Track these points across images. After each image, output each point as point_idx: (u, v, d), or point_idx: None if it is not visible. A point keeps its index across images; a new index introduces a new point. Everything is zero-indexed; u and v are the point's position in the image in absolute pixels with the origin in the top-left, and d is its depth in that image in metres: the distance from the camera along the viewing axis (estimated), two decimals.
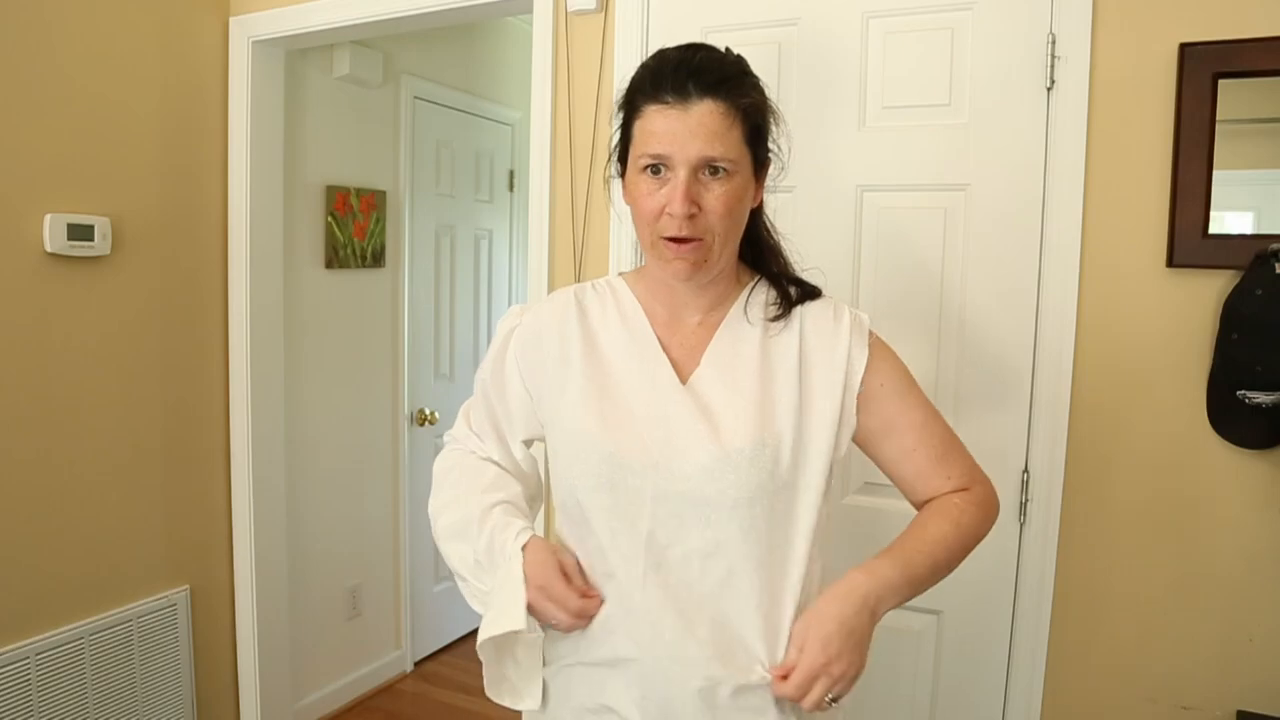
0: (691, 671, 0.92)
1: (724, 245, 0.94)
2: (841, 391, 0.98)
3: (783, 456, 0.94)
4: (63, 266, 2.00)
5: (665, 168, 0.91)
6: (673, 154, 0.90)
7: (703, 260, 0.93)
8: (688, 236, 0.91)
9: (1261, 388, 1.32)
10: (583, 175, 1.87)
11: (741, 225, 0.97)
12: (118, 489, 2.16)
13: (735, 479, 0.92)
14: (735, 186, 0.92)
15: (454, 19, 2.10)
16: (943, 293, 1.56)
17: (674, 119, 0.89)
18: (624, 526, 0.94)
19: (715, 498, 0.92)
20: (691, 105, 0.89)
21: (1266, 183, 1.42)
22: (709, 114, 0.89)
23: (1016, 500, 1.52)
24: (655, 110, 0.91)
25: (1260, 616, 1.38)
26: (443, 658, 3.24)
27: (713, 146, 0.89)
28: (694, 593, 0.93)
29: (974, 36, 1.50)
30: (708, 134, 0.89)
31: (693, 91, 0.89)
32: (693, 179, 0.90)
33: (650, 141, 0.91)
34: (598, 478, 0.95)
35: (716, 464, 0.92)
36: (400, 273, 3.00)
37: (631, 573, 0.94)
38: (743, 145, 0.92)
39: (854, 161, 1.60)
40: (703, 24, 1.71)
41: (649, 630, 0.93)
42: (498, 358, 1.09)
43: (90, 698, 2.08)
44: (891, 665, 1.62)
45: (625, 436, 0.95)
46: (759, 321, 1.01)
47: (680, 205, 0.89)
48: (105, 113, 2.07)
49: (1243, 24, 1.34)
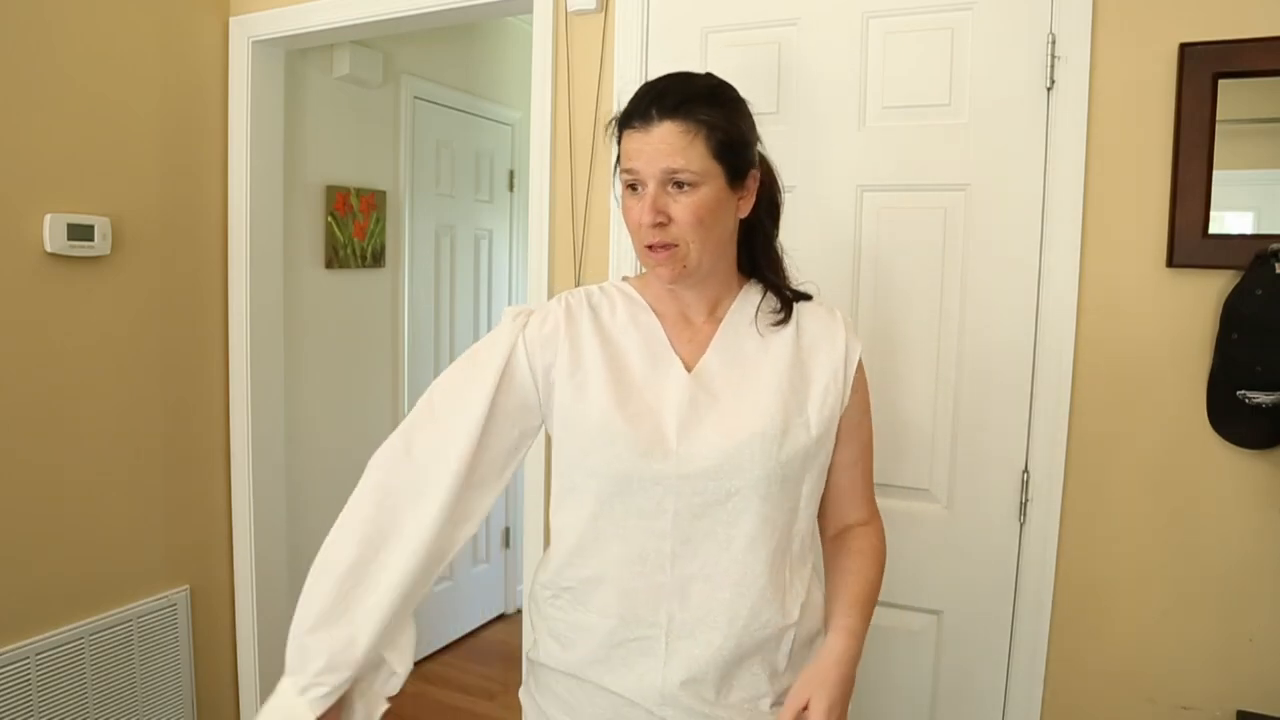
0: (718, 634, 1.01)
1: (702, 250, 1.02)
2: (843, 371, 1.08)
3: (790, 436, 1.03)
4: (63, 266, 2.00)
5: (640, 185, 1.01)
6: (640, 169, 1.00)
7: (680, 265, 1.02)
8: (660, 243, 1.01)
9: (1261, 388, 1.33)
10: (583, 175, 1.87)
11: (720, 232, 1.04)
12: (118, 489, 2.16)
13: (749, 460, 1.01)
14: (702, 197, 1.00)
15: (454, 19, 2.10)
16: (942, 293, 1.55)
17: (640, 140, 1.00)
18: (652, 509, 1.02)
19: (733, 478, 1.01)
20: (653, 127, 0.99)
21: (1266, 183, 1.42)
22: (668, 133, 0.99)
23: (1016, 500, 1.52)
24: (628, 134, 1.02)
25: (1260, 616, 1.38)
26: (443, 658, 3.24)
27: (673, 160, 0.98)
28: (717, 565, 1.02)
29: (974, 36, 1.50)
30: (668, 150, 0.98)
31: (654, 115, 0.99)
32: (660, 191, 1.00)
33: (626, 161, 1.03)
34: (624, 467, 1.02)
35: (732, 447, 1.01)
36: (400, 273, 3.00)
37: (661, 549, 1.02)
38: (708, 158, 1.00)
39: (854, 161, 1.60)
40: (703, 24, 1.71)
41: (678, 602, 1.02)
42: (504, 343, 1.07)
43: (90, 698, 2.08)
44: (891, 665, 1.62)
45: (647, 428, 1.02)
46: (756, 320, 1.10)
47: (647, 215, 0.99)
48: (105, 113, 2.07)
49: (1243, 24, 1.34)
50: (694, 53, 1.71)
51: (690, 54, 1.71)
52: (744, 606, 1.02)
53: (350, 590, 1.01)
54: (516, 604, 3.60)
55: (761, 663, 1.05)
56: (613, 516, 1.04)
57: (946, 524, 1.57)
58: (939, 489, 1.58)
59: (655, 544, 1.03)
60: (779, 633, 1.04)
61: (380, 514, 1.03)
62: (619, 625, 1.04)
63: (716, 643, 1.02)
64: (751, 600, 1.02)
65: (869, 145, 1.59)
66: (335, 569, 1.02)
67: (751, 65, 1.63)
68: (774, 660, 1.06)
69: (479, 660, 3.24)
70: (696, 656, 1.02)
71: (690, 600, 1.02)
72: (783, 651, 1.06)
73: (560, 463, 1.09)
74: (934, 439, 1.57)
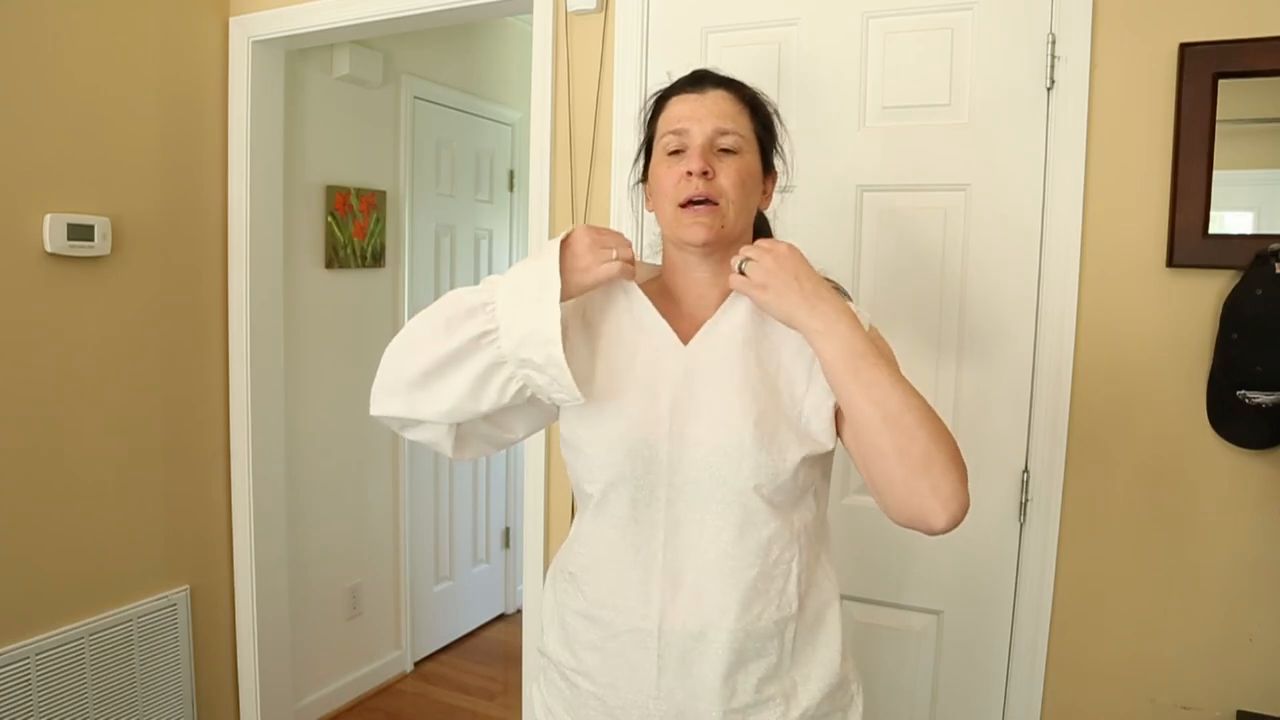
0: (711, 629, 0.99)
1: (738, 215, 1.03)
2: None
3: (779, 434, 1.00)
4: (63, 266, 2.00)
5: (686, 146, 1.02)
6: (690, 127, 1.02)
7: (719, 225, 1.01)
8: (704, 196, 1.00)
9: (1261, 388, 1.33)
10: (583, 175, 1.87)
11: (752, 204, 1.06)
12: (118, 489, 2.16)
13: (739, 451, 0.98)
14: (745, 164, 1.03)
15: (454, 19, 2.10)
16: (943, 293, 1.56)
17: (693, 102, 1.04)
18: (645, 498, 1.02)
19: (721, 472, 0.99)
20: (707, 91, 1.04)
21: (1266, 183, 1.42)
22: (722, 98, 1.04)
23: (1016, 500, 1.52)
24: (677, 100, 1.06)
25: (1260, 616, 1.38)
26: (443, 658, 3.24)
27: (725, 120, 1.02)
28: (706, 556, 1.00)
29: (974, 36, 1.50)
30: (721, 112, 1.03)
31: (708, 84, 1.05)
32: (709, 148, 1.01)
33: (672, 122, 1.04)
34: (616, 457, 1.02)
35: (722, 442, 0.99)
36: (400, 273, 3.00)
37: (654, 538, 1.02)
38: (751, 131, 1.04)
39: (854, 161, 1.60)
40: (703, 24, 1.71)
41: (671, 594, 1.01)
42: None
43: (90, 698, 2.08)
44: (891, 665, 1.62)
45: (645, 419, 1.02)
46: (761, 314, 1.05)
47: (697, 162, 1.00)
48: (105, 113, 2.07)
49: (1243, 24, 1.34)
50: (694, 53, 1.71)
51: (690, 54, 1.71)
52: (733, 600, 0.99)
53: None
54: (516, 604, 3.60)
55: (759, 657, 1.01)
56: (607, 504, 1.04)
57: None
58: None
59: (648, 533, 1.02)
60: (777, 626, 1.01)
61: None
62: (614, 616, 1.03)
63: (710, 636, 0.99)
64: (741, 593, 0.99)
65: (869, 145, 1.59)
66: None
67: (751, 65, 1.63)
68: (774, 653, 1.01)
69: (479, 660, 3.24)
70: (689, 650, 1.00)
71: (681, 593, 1.00)
72: (786, 645, 1.02)
73: (565, 452, 1.11)
74: None
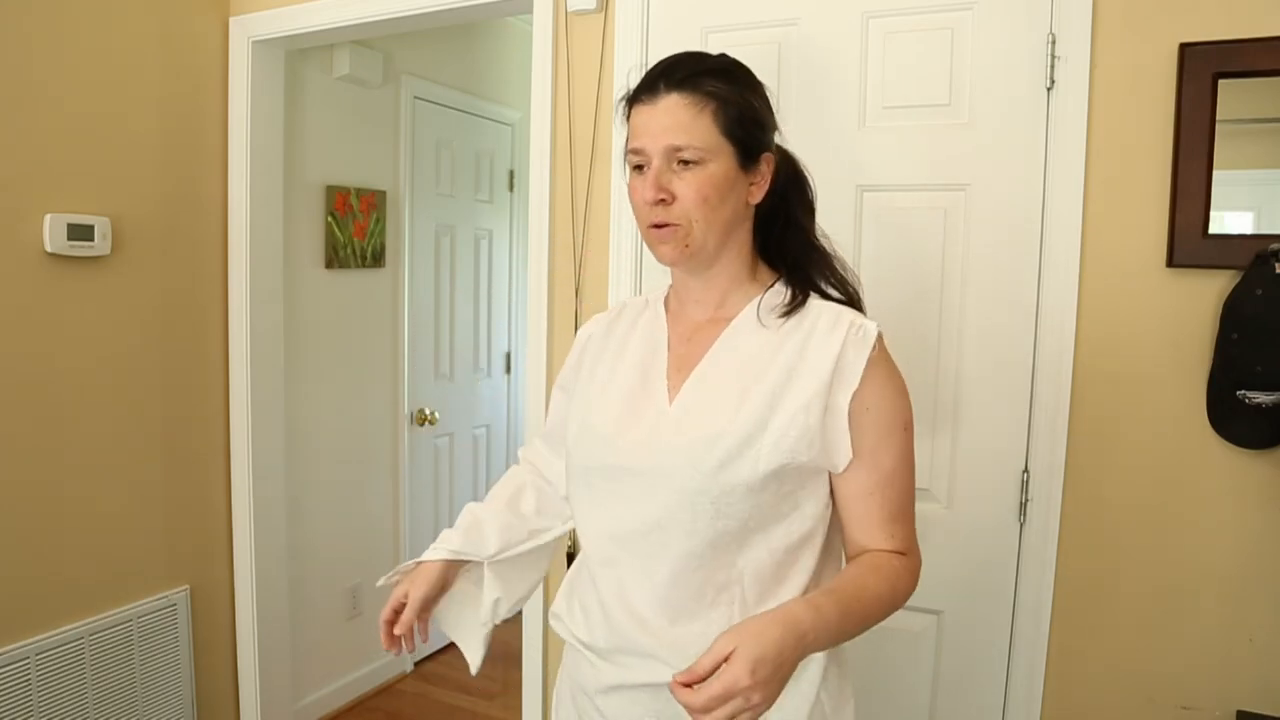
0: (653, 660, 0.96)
1: (707, 230, 0.97)
2: (820, 399, 0.94)
3: (735, 454, 0.93)
4: (63, 266, 2.00)
5: (645, 164, 0.97)
6: (645, 145, 0.97)
7: (682, 244, 0.98)
8: (662, 222, 0.97)
9: (1261, 388, 1.33)
10: (583, 175, 1.87)
11: (728, 213, 0.98)
12: (118, 489, 2.16)
13: (677, 472, 0.95)
14: (709, 174, 0.96)
15: (454, 19, 2.10)
16: (942, 293, 1.55)
17: (646, 114, 0.97)
18: (593, 508, 1.04)
19: (661, 488, 0.96)
20: (659, 99, 0.96)
21: (1266, 183, 1.42)
22: (674, 106, 0.95)
23: (1016, 500, 1.52)
24: (635, 110, 1.00)
25: (1260, 617, 1.38)
26: (443, 658, 3.24)
27: (677, 136, 0.95)
28: (646, 572, 0.98)
29: (974, 36, 1.50)
30: (673, 124, 0.95)
31: (661, 88, 0.97)
32: (664, 168, 0.96)
33: (631, 138, 0.99)
34: (581, 466, 1.06)
35: (669, 450, 0.96)
36: (400, 273, 3.00)
37: (614, 552, 1.01)
38: (716, 134, 0.96)
39: (854, 161, 1.60)
40: (703, 24, 1.71)
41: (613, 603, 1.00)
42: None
43: (90, 698, 2.08)
44: (891, 665, 1.62)
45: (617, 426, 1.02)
46: (772, 324, 1.00)
47: (650, 192, 0.96)
48: (105, 112, 2.07)
49: (1243, 24, 1.34)
50: None
51: None
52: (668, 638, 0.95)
53: (505, 507, 1.20)
54: None
55: None
56: (579, 506, 1.09)
57: (946, 523, 1.57)
58: (939, 488, 1.58)
59: (609, 544, 1.02)
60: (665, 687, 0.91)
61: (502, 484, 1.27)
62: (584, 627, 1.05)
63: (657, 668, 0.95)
64: (674, 636, 0.95)
65: (869, 145, 1.59)
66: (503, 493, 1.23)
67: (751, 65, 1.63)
68: None
69: None
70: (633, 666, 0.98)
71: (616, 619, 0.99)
72: None
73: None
74: (934, 438, 1.57)
